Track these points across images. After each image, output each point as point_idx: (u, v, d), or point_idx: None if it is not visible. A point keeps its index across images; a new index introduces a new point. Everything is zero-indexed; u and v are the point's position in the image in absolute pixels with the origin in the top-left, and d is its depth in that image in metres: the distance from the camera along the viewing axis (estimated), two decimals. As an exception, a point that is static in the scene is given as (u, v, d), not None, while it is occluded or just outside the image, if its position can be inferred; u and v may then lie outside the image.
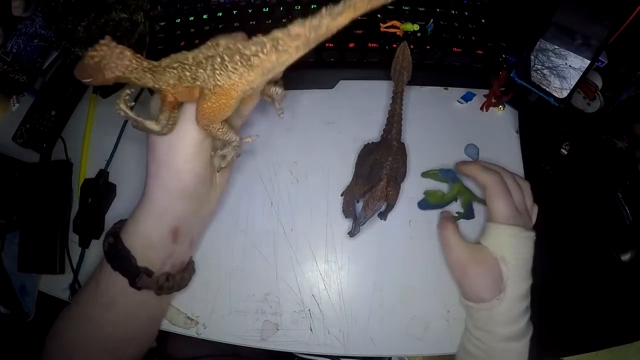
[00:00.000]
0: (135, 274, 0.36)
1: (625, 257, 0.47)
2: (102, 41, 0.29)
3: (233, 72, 0.28)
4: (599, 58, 0.46)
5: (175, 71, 0.29)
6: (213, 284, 0.45)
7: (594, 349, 0.45)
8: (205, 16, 0.52)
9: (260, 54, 0.27)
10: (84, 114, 0.54)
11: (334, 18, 0.26)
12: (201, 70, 0.28)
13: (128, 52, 0.29)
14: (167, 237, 0.37)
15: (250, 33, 0.50)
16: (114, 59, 0.29)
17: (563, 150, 0.50)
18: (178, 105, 0.32)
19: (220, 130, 0.32)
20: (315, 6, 0.51)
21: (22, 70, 0.54)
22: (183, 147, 0.34)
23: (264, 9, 0.51)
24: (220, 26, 0.51)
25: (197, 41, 0.51)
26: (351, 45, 0.49)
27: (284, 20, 0.50)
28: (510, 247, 0.38)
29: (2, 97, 0.57)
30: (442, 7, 0.52)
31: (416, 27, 0.50)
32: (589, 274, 0.47)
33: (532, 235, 0.40)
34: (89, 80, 0.30)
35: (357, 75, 0.51)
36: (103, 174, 0.50)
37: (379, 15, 0.51)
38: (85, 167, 0.51)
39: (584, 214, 0.49)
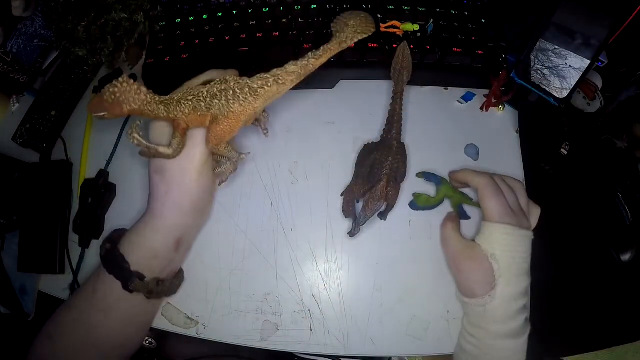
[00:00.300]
0: (128, 278, 0.37)
1: (625, 257, 0.47)
2: (120, 79, 0.34)
3: (244, 101, 0.34)
4: (599, 58, 0.46)
5: (190, 102, 0.34)
6: (213, 284, 0.45)
7: (594, 349, 0.45)
8: (205, 16, 0.52)
9: (265, 87, 0.34)
10: (84, 114, 0.54)
11: (317, 59, 0.36)
12: (216, 101, 0.34)
13: (144, 88, 0.34)
14: (171, 248, 0.40)
15: (251, 33, 0.51)
16: (133, 95, 0.34)
17: (563, 150, 0.50)
18: (187, 132, 0.37)
19: (226, 148, 0.38)
20: (315, 6, 0.51)
21: (22, 70, 0.54)
22: (194, 167, 0.38)
23: (264, 9, 0.51)
24: (220, 26, 0.51)
25: (196, 41, 0.51)
26: (351, 45, 0.49)
27: (283, 21, 0.50)
28: (502, 245, 0.38)
29: (2, 97, 0.57)
30: (442, 7, 0.52)
31: (416, 27, 0.50)
32: (589, 274, 0.47)
33: (528, 234, 0.40)
34: (102, 114, 0.34)
35: (357, 75, 0.51)
36: (103, 174, 0.50)
37: (379, 15, 0.51)
38: (85, 167, 0.51)
39: (584, 214, 0.49)
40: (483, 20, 0.52)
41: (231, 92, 0.34)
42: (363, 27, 0.39)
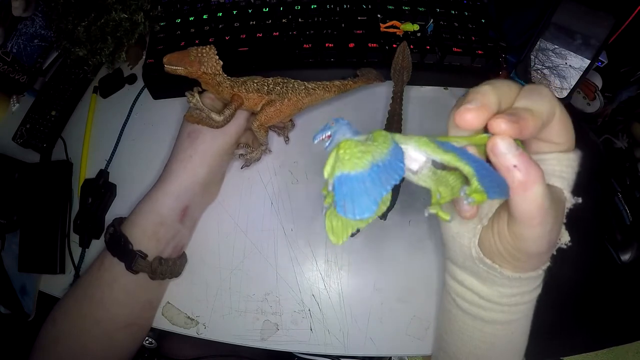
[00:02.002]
0: (131, 258, 0.38)
1: (625, 257, 0.47)
2: (207, 46, 0.38)
3: (298, 94, 0.42)
4: (599, 58, 0.46)
5: (255, 84, 0.41)
6: (213, 284, 0.45)
7: (594, 349, 0.45)
8: (205, 16, 0.52)
9: (317, 89, 0.43)
10: (84, 114, 0.54)
11: (354, 82, 0.44)
12: (278, 87, 0.41)
13: (221, 62, 0.39)
14: (177, 215, 0.41)
15: (251, 33, 0.50)
16: (213, 62, 0.38)
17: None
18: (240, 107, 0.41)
19: (264, 133, 0.43)
20: (315, 6, 0.51)
21: (22, 70, 0.54)
22: (224, 142, 0.42)
23: (264, 9, 0.51)
24: (220, 26, 0.51)
25: (197, 41, 0.51)
26: (351, 45, 0.49)
27: (283, 21, 0.50)
28: (570, 184, 0.28)
29: (2, 97, 0.57)
30: (442, 7, 0.52)
31: (416, 27, 0.50)
32: (589, 274, 0.47)
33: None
34: (178, 67, 0.37)
35: (357, 75, 0.51)
36: (103, 174, 0.50)
37: (379, 16, 0.51)
38: (85, 167, 0.51)
39: (583, 214, 0.49)
40: (483, 20, 0.52)
41: (291, 85, 0.42)
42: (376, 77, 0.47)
